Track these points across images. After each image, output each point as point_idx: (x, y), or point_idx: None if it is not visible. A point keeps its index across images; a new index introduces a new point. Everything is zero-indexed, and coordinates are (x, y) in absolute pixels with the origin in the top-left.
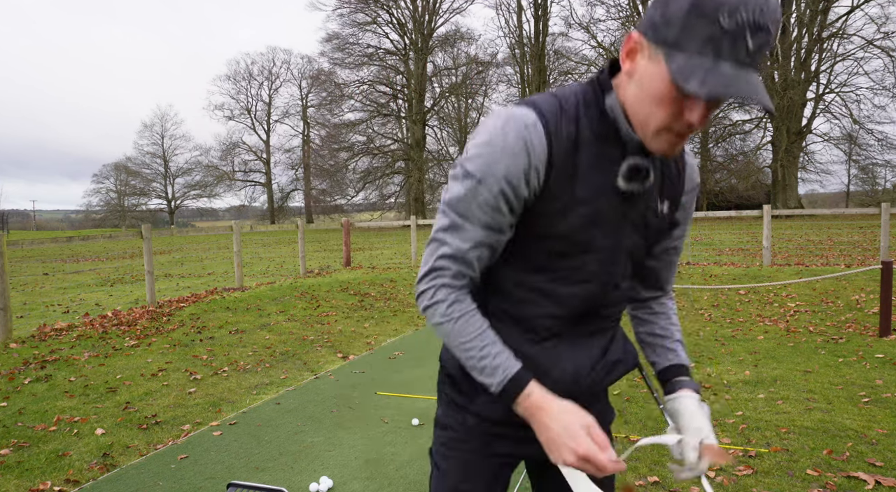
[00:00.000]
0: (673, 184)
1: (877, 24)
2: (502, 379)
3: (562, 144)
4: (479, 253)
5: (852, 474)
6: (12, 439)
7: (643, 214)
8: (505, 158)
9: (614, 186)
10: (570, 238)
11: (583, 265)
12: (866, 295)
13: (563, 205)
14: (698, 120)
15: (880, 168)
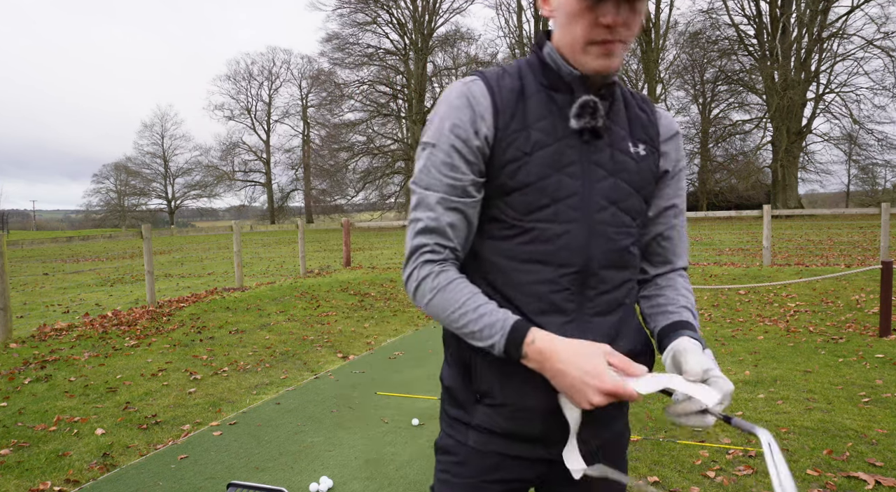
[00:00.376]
0: (644, 127)
1: (877, 24)
2: (502, 332)
3: (505, 95)
4: (451, 220)
5: (852, 474)
6: (12, 439)
7: (612, 156)
8: (450, 116)
9: (568, 128)
10: (536, 186)
11: (557, 214)
12: (866, 295)
13: (519, 152)
14: (612, 20)
15: (880, 168)
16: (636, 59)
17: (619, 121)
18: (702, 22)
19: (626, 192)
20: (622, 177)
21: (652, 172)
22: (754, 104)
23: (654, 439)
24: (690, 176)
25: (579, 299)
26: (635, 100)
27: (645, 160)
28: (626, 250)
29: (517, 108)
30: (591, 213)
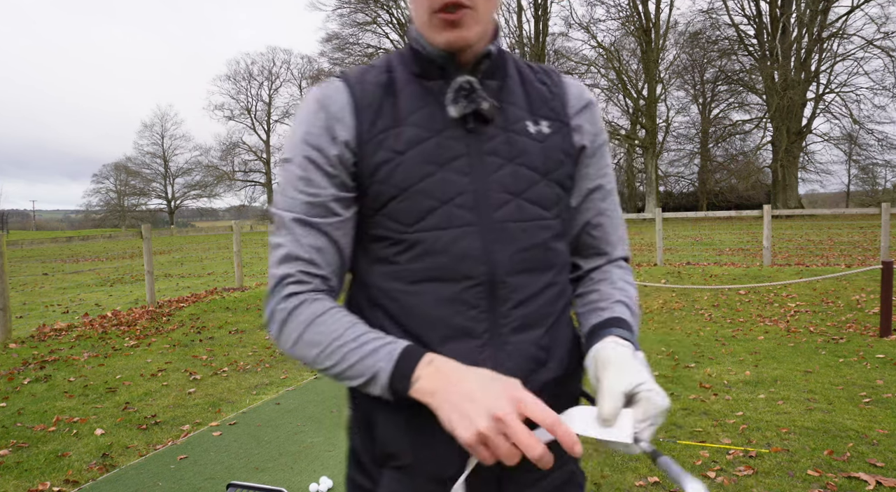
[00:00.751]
0: (546, 100)
1: (877, 24)
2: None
3: (368, 91)
4: (314, 242)
5: (853, 475)
6: (11, 439)
7: (508, 140)
8: (303, 125)
9: (448, 118)
10: (416, 188)
11: (447, 218)
12: (867, 295)
13: (391, 153)
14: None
15: (880, 168)
16: (636, 59)
17: (514, 99)
18: (702, 22)
19: (531, 178)
20: (522, 162)
21: (563, 151)
22: (754, 104)
23: (654, 440)
24: (690, 176)
25: (490, 317)
26: (534, 72)
27: (551, 138)
28: (541, 248)
29: (384, 103)
30: (488, 211)
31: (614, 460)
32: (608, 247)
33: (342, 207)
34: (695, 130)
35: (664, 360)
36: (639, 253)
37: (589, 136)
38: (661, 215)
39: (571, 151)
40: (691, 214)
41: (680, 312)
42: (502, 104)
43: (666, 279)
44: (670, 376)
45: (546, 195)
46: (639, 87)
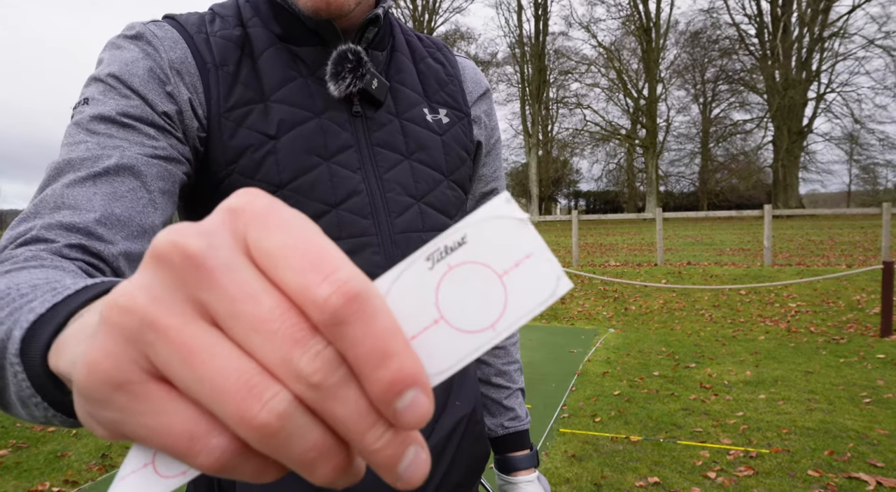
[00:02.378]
0: (442, 83)
1: (878, 23)
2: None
3: (219, 46)
4: (108, 208)
5: (853, 475)
6: (11, 439)
7: (402, 129)
8: (114, 64)
9: (329, 96)
10: (295, 186)
11: (341, 223)
12: (867, 295)
13: (261, 134)
14: None
15: (882, 168)
16: (636, 58)
17: (405, 79)
18: (702, 21)
19: (431, 179)
20: (420, 158)
21: (463, 146)
22: (755, 104)
23: (655, 440)
24: (691, 176)
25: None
26: (425, 46)
27: (451, 130)
28: None
29: (242, 67)
30: (388, 217)
31: (614, 461)
32: None
33: (176, 162)
34: (695, 129)
35: (664, 360)
36: (639, 253)
37: (486, 130)
38: (662, 215)
39: (470, 147)
40: (692, 214)
41: (680, 313)
42: (392, 83)
43: (666, 279)
44: (670, 376)
45: (448, 199)
46: (639, 86)
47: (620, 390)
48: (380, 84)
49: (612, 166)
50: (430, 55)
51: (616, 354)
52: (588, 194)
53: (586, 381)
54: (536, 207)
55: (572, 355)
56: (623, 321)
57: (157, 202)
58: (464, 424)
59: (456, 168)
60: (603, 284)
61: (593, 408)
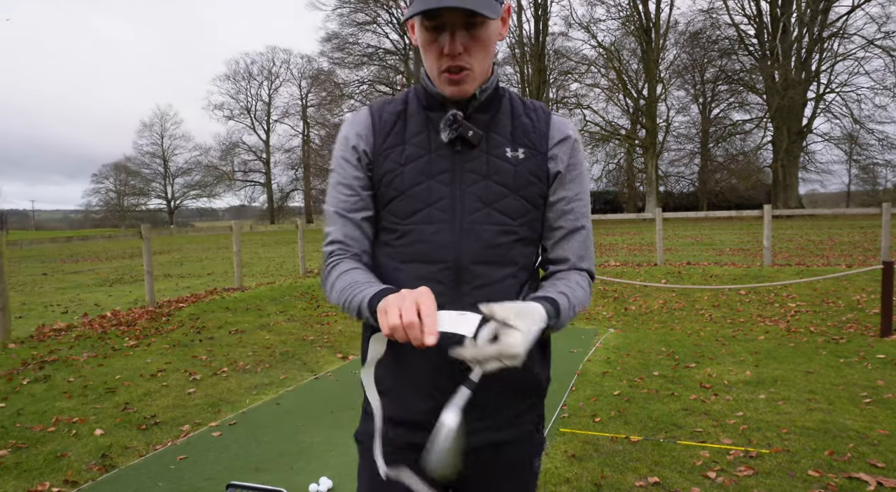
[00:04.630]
0: (527, 132)
1: (877, 23)
2: (371, 291)
3: (385, 117)
4: (346, 231)
5: (854, 475)
6: (11, 439)
7: (487, 161)
8: (341, 146)
9: (440, 140)
10: (410, 192)
11: (431, 216)
12: (867, 295)
13: (395, 164)
14: (450, 48)
15: (881, 168)
16: (636, 58)
17: (499, 129)
18: (702, 22)
19: (500, 193)
20: (495, 179)
21: (533, 173)
22: (755, 104)
23: (655, 440)
24: (690, 176)
25: (453, 294)
26: (525, 108)
27: (524, 163)
28: (501, 247)
29: (395, 127)
30: (462, 214)
31: (614, 461)
32: (572, 256)
33: (364, 205)
34: (695, 129)
35: (664, 360)
36: (639, 253)
37: (562, 163)
38: (662, 215)
39: (542, 174)
40: (691, 214)
41: (680, 313)
42: (488, 133)
43: (666, 279)
44: (670, 376)
45: (512, 207)
46: (639, 86)
47: (620, 389)
48: (474, 133)
49: (611, 166)
50: (525, 114)
51: (616, 354)
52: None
53: (586, 381)
54: None
55: (572, 355)
56: (623, 321)
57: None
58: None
59: (524, 187)
60: (603, 284)
61: (593, 408)
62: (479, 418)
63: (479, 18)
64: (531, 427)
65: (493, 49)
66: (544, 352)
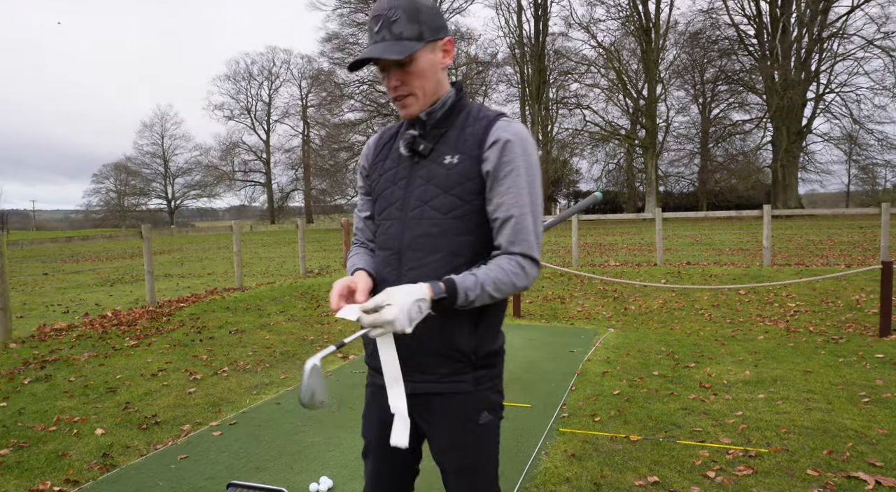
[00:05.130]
0: (466, 141)
1: (877, 23)
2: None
3: (383, 140)
4: (359, 225)
5: (852, 475)
6: (12, 439)
7: (429, 169)
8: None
9: (401, 154)
10: (381, 195)
11: (390, 214)
12: (866, 295)
13: (377, 175)
14: (388, 84)
15: (880, 168)
16: (636, 59)
17: (449, 141)
18: (702, 22)
19: (434, 193)
20: (434, 182)
21: (463, 175)
22: (754, 104)
23: (654, 440)
24: (690, 176)
25: (397, 273)
26: (475, 119)
27: (456, 167)
28: (430, 236)
29: (386, 147)
30: (406, 211)
31: (614, 460)
32: (505, 242)
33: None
34: (695, 130)
35: (664, 359)
36: (638, 253)
37: (492, 164)
38: (661, 215)
39: (474, 175)
40: (691, 214)
41: (680, 312)
42: (437, 145)
43: (666, 279)
44: (670, 376)
45: (444, 204)
46: (639, 87)
47: (620, 389)
48: (424, 147)
49: (611, 166)
50: (471, 125)
51: (616, 354)
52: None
53: (586, 380)
54: None
55: (572, 355)
56: (623, 321)
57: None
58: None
59: (454, 187)
60: (602, 284)
61: (593, 407)
62: (420, 372)
63: (406, 57)
64: (470, 388)
65: (435, 76)
66: (476, 327)
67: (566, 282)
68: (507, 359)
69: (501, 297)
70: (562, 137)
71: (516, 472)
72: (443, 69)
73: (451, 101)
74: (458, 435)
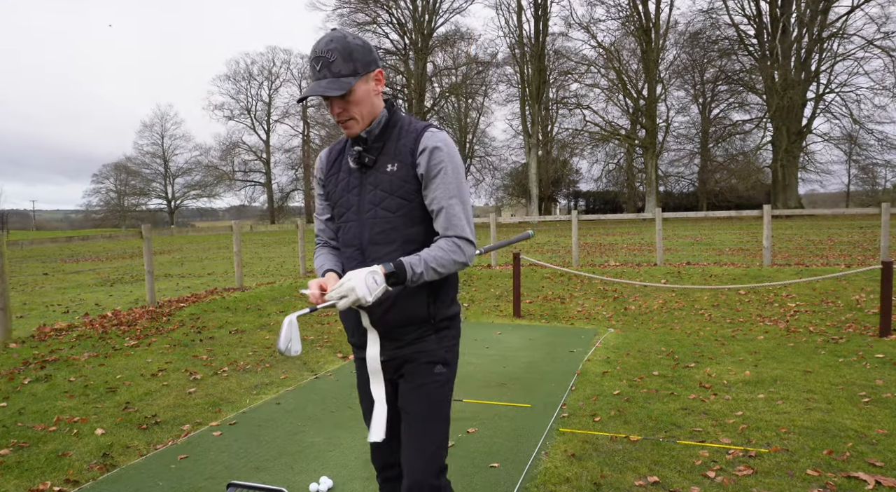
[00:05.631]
0: (401, 151)
1: (877, 23)
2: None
3: (332, 155)
4: (320, 226)
5: (852, 475)
6: (12, 439)
7: (376, 177)
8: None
9: (351, 167)
10: (338, 201)
11: (347, 217)
12: (866, 295)
13: (332, 185)
14: (332, 112)
15: (880, 168)
16: (636, 59)
17: (388, 152)
18: (702, 22)
19: (383, 196)
20: (381, 188)
21: (403, 179)
22: (754, 104)
23: (654, 440)
24: (690, 176)
25: (362, 264)
26: (407, 133)
27: (396, 173)
28: (385, 232)
29: (335, 161)
30: (362, 214)
31: (614, 460)
32: (441, 229)
33: (328, 209)
34: (695, 130)
35: (664, 359)
36: (638, 253)
37: (423, 167)
38: (661, 215)
39: (411, 178)
40: (691, 214)
41: (680, 312)
42: (379, 156)
43: (666, 279)
44: (670, 376)
45: (393, 205)
46: (639, 87)
47: (620, 389)
48: (369, 159)
49: (611, 166)
50: (403, 137)
51: (616, 354)
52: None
53: (586, 380)
54: (536, 207)
55: (572, 355)
56: (623, 321)
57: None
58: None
59: (398, 190)
60: (602, 284)
61: (593, 407)
62: (392, 341)
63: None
64: (433, 345)
65: (370, 101)
66: (434, 299)
67: (566, 282)
68: (507, 359)
69: (446, 272)
70: (562, 137)
71: (516, 472)
72: (376, 95)
73: (385, 119)
74: (420, 380)
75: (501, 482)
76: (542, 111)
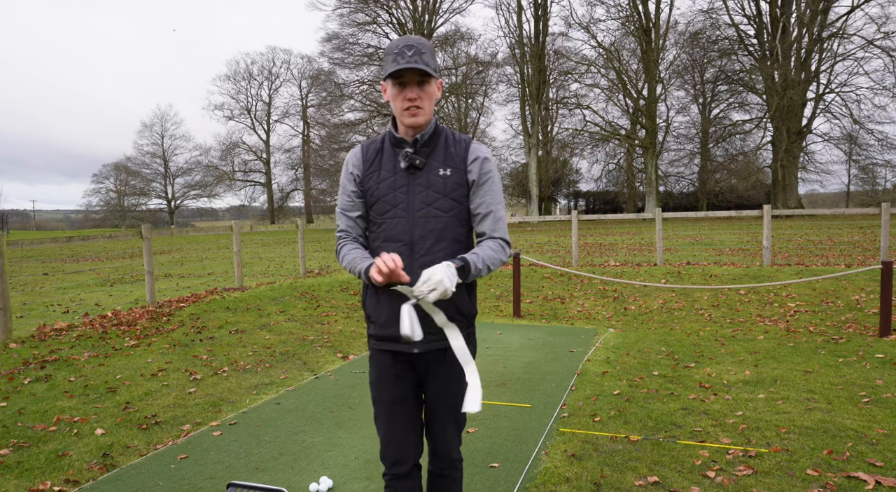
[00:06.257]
0: (452, 157)
1: (877, 23)
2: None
3: (369, 154)
4: (348, 223)
5: (852, 474)
6: (12, 439)
7: (427, 178)
8: (344, 170)
9: (399, 166)
10: (384, 198)
11: (395, 213)
12: (866, 295)
13: (375, 183)
14: (407, 96)
15: (880, 168)
16: (636, 59)
17: (437, 157)
18: (702, 22)
19: (436, 197)
20: (433, 189)
21: (456, 183)
22: (754, 104)
23: (654, 440)
24: (690, 176)
25: (409, 260)
26: (455, 142)
27: (450, 177)
28: (438, 230)
29: (375, 159)
30: (412, 212)
31: (614, 460)
32: (487, 230)
33: (358, 206)
34: (695, 130)
35: (664, 359)
36: (638, 253)
37: (475, 175)
38: (661, 215)
39: (463, 183)
40: (691, 214)
41: (680, 312)
42: (429, 160)
43: (666, 279)
44: (670, 376)
45: (444, 205)
46: (639, 87)
47: (620, 389)
48: (420, 162)
49: (611, 166)
50: (453, 145)
51: (615, 354)
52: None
53: (586, 380)
54: (536, 207)
55: (572, 355)
56: (622, 321)
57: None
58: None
59: (451, 192)
60: (602, 284)
61: (593, 407)
62: (433, 334)
63: (425, 78)
64: (464, 334)
65: (433, 101)
66: (470, 295)
67: (566, 282)
68: (507, 359)
69: (492, 270)
70: (562, 137)
71: (516, 472)
72: (435, 101)
73: (434, 128)
74: (454, 371)
75: (501, 482)
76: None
